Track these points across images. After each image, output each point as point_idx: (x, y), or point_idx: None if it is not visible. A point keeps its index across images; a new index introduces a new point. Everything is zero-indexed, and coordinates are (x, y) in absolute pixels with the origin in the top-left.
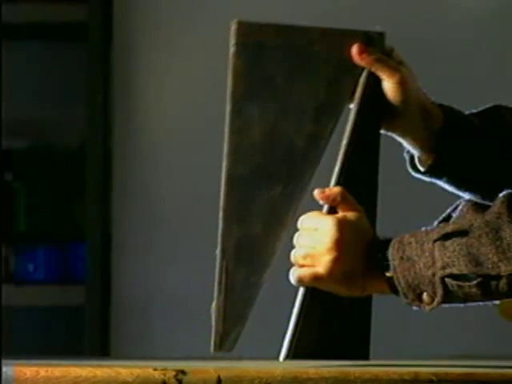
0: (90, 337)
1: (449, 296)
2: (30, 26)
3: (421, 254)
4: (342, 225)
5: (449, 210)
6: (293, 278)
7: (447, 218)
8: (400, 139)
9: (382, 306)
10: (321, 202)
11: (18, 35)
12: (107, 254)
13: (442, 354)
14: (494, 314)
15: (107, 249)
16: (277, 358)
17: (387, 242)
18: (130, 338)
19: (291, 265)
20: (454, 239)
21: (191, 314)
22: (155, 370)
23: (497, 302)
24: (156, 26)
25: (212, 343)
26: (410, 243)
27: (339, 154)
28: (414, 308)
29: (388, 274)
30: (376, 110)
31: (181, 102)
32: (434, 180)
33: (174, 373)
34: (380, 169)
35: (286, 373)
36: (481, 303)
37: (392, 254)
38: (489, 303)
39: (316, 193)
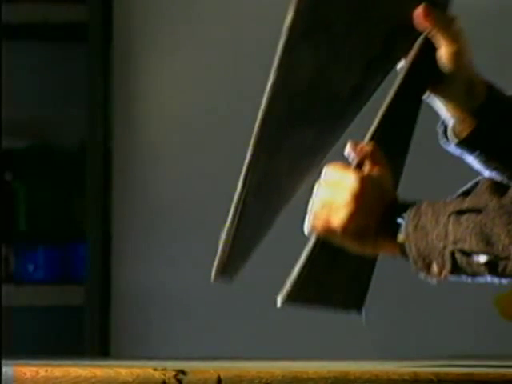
0: (90, 337)
1: (457, 270)
2: (29, 26)
3: (435, 225)
4: (364, 182)
5: (469, 185)
6: (306, 227)
7: (467, 193)
8: (440, 106)
9: (382, 306)
10: (351, 155)
11: (17, 35)
12: (107, 254)
13: (441, 354)
14: (494, 314)
15: (107, 249)
16: (276, 358)
17: (405, 206)
18: (130, 338)
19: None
20: (469, 216)
21: (191, 313)
22: (155, 369)
23: (505, 281)
24: (156, 26)
25: (213, 271)
26: (427, 213)
27: (379, 111)
28: (422, 276)
29: (400, 239)
30: (424, 75)
31: (181, 102)
32: (465, 153)
33: (173, 373)
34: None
35: (286, 373)
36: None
37: (407, 220)
38: (487, 305)
39: (349, 144)
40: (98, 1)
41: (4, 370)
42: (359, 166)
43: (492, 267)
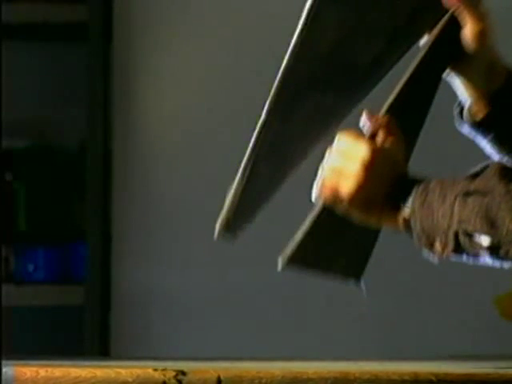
0: (90, 337)
1: (459, 250)
2: (29, 26)
3: (441, 204)
4: (376, 153)
5: (478, 168)
6: (314, 193)
7: (476, 175)
8: (458, 85)
9: (382, 305)
10: (365, 125)
11: (17, 35)
12: (107, 254)
13: (441, 354)
14: (494, 314)
15: (107, 249)
16: (277, 358)
17: (414, 182)
18: (130, 338)
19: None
20: (475, 198)
21: (191, 313)
22: (155, 370)
23: (506, 265)
24: (156, 26)
25: (217, 228)
26: (434, 191)
27: (398, 84)
28: (424, 253)
29: (406, 214)
30: (447, 52)
31: (181, 102)
32: (478, 136)
33: (173, 373)
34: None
35: (286, 373)
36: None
37: (415, 196)
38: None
39: (365, 113)
40: (98, 1)
41: (4, 370)
42: (373, 136)
43: (494, 250)
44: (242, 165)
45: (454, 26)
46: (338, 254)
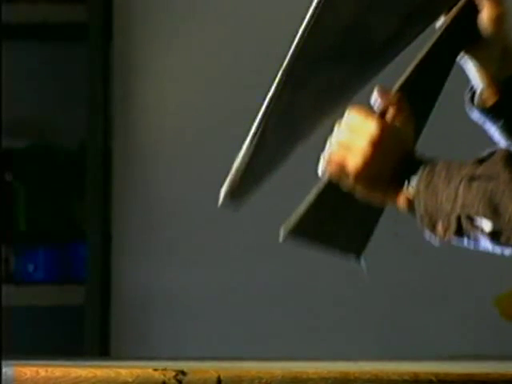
0: (90, 337)
1: (460, 234)
2: (29, 26)
3: (446, 187)
4: (385, 131)
5: (486, 153)
6: (320, 167)
7: (482, 160)
8: (471, 70)
9: (382, 305)
10: (376, 101)
11: (17, 35)
12: (107, 254)
13: (441, 354)
14: (494, 314)
15: (107, 249)
16: (277, 358)
17: (421, 162)
18: (130, 338)
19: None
20: (480, 183)
21: (191, 313)
22: (155, 370)
23: (507, 251)
24: (156, 26)
25: (222, 194)
26: (440, 173)
27: (411, 64)
28: (426, 234)
29: (411, 194)
30: (462, 35)
31: (181, 102)
32: (488, 122)
33: (173, 373)
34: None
35: (286, 373)
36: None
37: (420, 176)
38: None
39: (377, 90)
40: (98, 1)
41: (4, 370)
42: (383, 113)
43: (495, 236)
44: (251, 133)
45: (471, 9)
46: (340, 229)
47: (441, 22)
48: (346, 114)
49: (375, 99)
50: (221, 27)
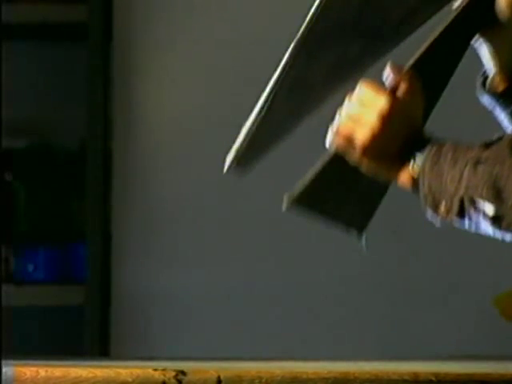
0: (90, 337)
1: (462, 216)
2: (29, 26)
3: (452, 168)
4: (395, 106)
5: (494, 138)
6: (328, 139)
7: (490, 144)
8: (485, 53)
9: (382, 305)
10: (389, 77)
11: (17, 35)
12: (107, 254)
13: (441, 354)
14: (494, 314)
15: (107, 249)
16: (277, 358)
17: (428, 141)
18: (130, 338)
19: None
20: (485, 167)
21: (191, 314)
22: (155, 370)
23: (508, 237)
24: (156, 26)
25: (228, 159)
26: (447, 154)
27: (425, 42)
28: (428, 214)
29: (416, 173)
30: (478, 17)
31: (181, 102)
32: (499, 107)
33: (173, 373)
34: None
35: (286, 373)
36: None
37: (427, 155)
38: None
39: (389, 65)
40: (98, 1)
41: (4, 369)
42: (394, 89)
43: (497, 221)
44: (261, 100)
45: None
46: (344, 203)
47: (458, 2)
48: (357, 88)
49: (387, 75)
50: (221, 27)
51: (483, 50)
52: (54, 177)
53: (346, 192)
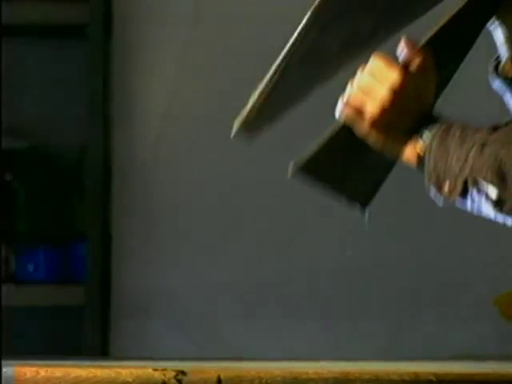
0: (90, 337)
1: (465, 197)
2: (30, 25)
3: (458, 149)
4: (406, 81)
5: (504, 122)
6: (337, 110)
7: (498, 127)
8: (500, 37)
9: (383, 305)
10: (402, 52)
11: (18, 35)
12: (107, 254)
13: (441, 354)
14: (494, 314)
15: (107, 249)
16: (277, 358)
17: (437, 120)
18: (130, 337)
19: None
20: (492, 150)
21: (191, 313)
22: (155, 370)
23: (509, 221)
24: (156, 26)
25: (235, 126)
26: (455, 134)
27: (441, 20)
28: (431, 192)
29: (422, 150)
30: None
31: (181, 102)
32: (510, 92)
33: (174, 373)
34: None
35: (286, 373)
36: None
37: (435, 134)
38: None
39: (403, 40)
40: (98, 0)
41: (4, 369)
42: (407, 64)
43: (499, 204)
44: (273, 67)
45: None
46: (350, 176)
47: None
48: (370, 60)
49: (401, 49)
50: (221, 27)
51: (498, 34)
52: (54, 177)
53: (351, 164)
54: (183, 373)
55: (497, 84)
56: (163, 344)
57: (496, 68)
